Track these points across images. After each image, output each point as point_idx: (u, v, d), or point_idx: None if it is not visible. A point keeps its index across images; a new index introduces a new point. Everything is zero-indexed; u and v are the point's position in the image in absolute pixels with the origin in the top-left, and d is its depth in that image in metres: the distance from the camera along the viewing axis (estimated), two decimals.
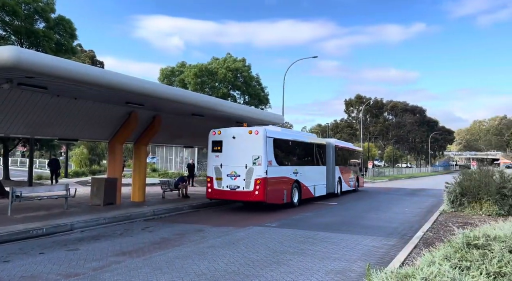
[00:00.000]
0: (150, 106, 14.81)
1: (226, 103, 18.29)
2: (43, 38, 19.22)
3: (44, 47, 19.31)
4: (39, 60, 9.10)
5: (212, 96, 23.34)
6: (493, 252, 4.77)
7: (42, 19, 20.13)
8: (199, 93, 24.87)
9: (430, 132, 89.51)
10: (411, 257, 6.89)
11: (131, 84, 11.64)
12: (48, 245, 8.66)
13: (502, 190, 12.32)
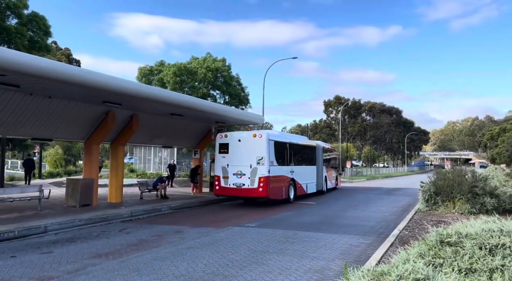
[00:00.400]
0: (128, 105, 14.57)
1: (206, 103, 18.20)
2: (16, 35, 18.62)
3: (17, 44, 18.71)
4: (11, 57, 8.81)
5: (192, 96, 23.17)
6: (464, 249, 4.92)
7: (14, 15, 19.50)
8: (178, 92, 24.63)
9: (406, 133, 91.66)
10: (387, 255, 7.03)
11: (109, 83, 11.42)
12: (20, 248, 8.38)
13: (474, 189, 12.73)
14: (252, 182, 15.56)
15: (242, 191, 15.79)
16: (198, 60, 33.60)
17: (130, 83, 12.66)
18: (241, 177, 15.79)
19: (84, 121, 14.69)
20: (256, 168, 15.60)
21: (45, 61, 9.85)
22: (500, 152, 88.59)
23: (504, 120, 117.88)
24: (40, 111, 12.97)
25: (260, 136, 15.92)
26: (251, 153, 15.75)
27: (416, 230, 9.80)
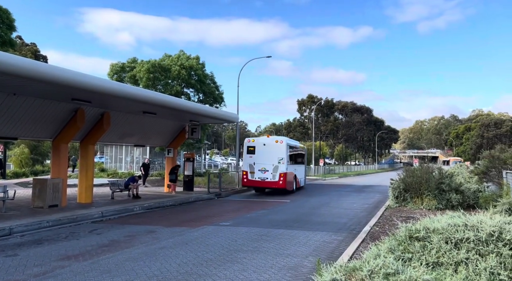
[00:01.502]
0: (98, 103, 14.17)
1: (180, 101, 17.96)
2: None
3: None
4: None
5: (165, 94, 22.82)
6: (432, 243, 5.10)
7: None
8: (151, 90, 24.20)
9: (377, 131, 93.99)
10: (359, 251, 7.20)
11: (78, 80, 11.05)
12: None
13: (441, 186, 13.24)
14: (274, 177, 20.42)
15: (266, 183, 20.72)
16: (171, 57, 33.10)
17: (100, 80, 12.32)
18: (265, 172, 20.59)
19: (52, 119, 14.17)
20: (278, 166, 20.48)
21: (9, 57, 9.42)
22: (465, 150, 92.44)
23: (468, 119, 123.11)
24: (4, 108, 12.41)
25: (281, 141, 21.24)
26: (273, 154, 20.61)
27: (387, 226, 10.08)
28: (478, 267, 4.50)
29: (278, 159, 20.54)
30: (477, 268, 4.50)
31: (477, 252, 4.83)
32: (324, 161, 53.12)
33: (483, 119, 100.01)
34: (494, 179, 14.84)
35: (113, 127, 16.53)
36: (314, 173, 46.35)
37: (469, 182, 15.02)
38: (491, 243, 4.88)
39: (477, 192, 13.84)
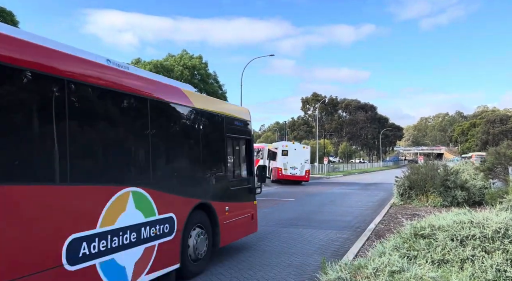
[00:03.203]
0: None
1: None
2: None
3: None
4: None
5: None
6: (437, 241, 5.08)
7: None
8: None
9: (381, 129, 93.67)
10: (364, 249, 7.19)
11: None
12: None
13: (446, 183, 13.17)
14: (301, 172, 28.19)
15: (295, 177, 28.08)
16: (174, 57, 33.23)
17: None
18: (295, 169, 27.87)
19: None
20: (304, 165, 28.33)
21: None
22: (470, 146, 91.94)
23: (473, 115, 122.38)
24: None
25: (307, 147, 30.26)
26: (301, 156, 28.23)
27: (392, 223, 10.05)
28: (484, 264, 4.48)
29: (305, 159, 28.53)
30: (483, 265, 4.48)
31: (483, 249, 4.80)
32: (328, 159, 53.09)
33: (488, 115, 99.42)
34: (500, 176, 14.75)
35: None
36: (318, 171, 46.29)
37: (475, 179, 14.93)
38: (497, 240, 4.86)
39: (482, 189, 13.76)
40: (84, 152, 4.33)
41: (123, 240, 4.63)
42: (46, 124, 3.88)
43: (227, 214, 7.04)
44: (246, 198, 7.98)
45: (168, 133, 5.79)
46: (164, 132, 5.66)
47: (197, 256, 6.14)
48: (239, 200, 7.67)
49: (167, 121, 5.77)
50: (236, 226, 7.44)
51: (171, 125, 5.90)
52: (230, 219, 7.14)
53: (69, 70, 4.13)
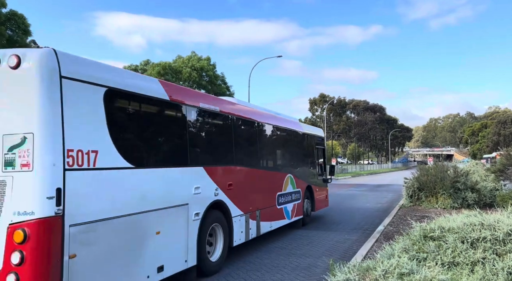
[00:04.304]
0: None
1: None
2: None
3: None
4: None
5: None
6: (447, 243, 5.02)
7: None
8: None
9: (390, 130, 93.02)
10: (373, 251, 7.12)
11: None
12: None
13: (456, 184, 13.00)
14: None
15: None
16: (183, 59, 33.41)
17: None
18: None
19: None
20: None
21: None
22: (480, 147, 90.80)
23: (484, 116, 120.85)
24: None
25: None
26: None
27: (401, 225, 9.95)
28: (495, 267, 4.42)
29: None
30: (494, 268, 4.41)
31: (494, 251, 4.74)
32: (336, 160, 52.86)
33: (499, 116, 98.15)
34: (511, 177, 14.53)
35: None
36: None
37: (485, 181, 14.73)
38: (509, 243, 4.79)
39: (493, 191, 13.56)
40: (277, 158, 9.79)
41: (288, 198, 9.72)
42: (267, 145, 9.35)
43: (317, 192, 11.93)
44: (323, 184, 12.92)
45: (298, 146, 11.17)
46: (295, 147, 10.99)
47: (307, 213, 11.26)
48: (321, 185, 12.57)
49: (296, 141, 11.11)
50: (320, 200, 12.35)
51: (297, 143, 11.20)
52: (318, 196, 12.06)
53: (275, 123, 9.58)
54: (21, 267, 3.56)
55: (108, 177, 4.39)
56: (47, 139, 3.76)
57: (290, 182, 9.78)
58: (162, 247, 5.10)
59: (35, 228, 3.60)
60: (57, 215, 3.75)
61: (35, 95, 3.78)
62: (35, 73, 3.79)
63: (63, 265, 3.79)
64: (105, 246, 4.27)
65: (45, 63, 3.84)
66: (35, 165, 3.70)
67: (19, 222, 3.61)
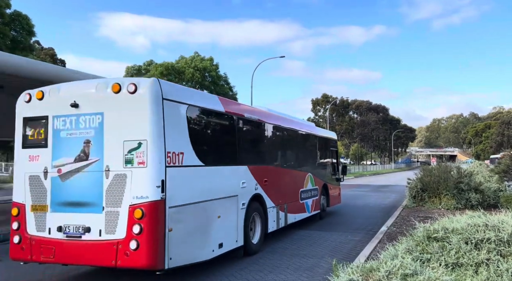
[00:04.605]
0: None
1: None
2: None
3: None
4: None
5: None
6: (451, 244, 5.01)
7: None
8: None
9: (393, 130, 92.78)
10: (376, 252, 7.11)
11: None
12: (6, 251, 8.21)
13: (459, 185, 12.95)
14: None
15: None
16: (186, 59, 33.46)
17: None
18: None
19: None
20: None
21: (30, 62, 9.65)
22: (484, 148, 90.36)
23: (488, 116, 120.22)
24: None
25: None
26: None
27: (404, 226, 9.92)
28: (500, 268, 4.40)
29: None
30: (498, 269, 4.40)
31: (499, 252, 4.72)
32: None
33: (503, 116, 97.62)
34: None
35: None
36: None
37: (489, 181, 14.67)
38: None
39: (497, 192, 13.50)
40: (300, 159, 10.83)
41: (308, 194, 10.94)
42: (301, 149, 11.25)
43: (331, 190, 13.22)
44: (337, 183, 14.23)
45: (316, 149, 12.29)
46: (314, 149, 12.20)
47: (324, 208, 12.49)
48: (334, 184, 13.89)
49: (313, 145, 12.17)
50: (334, 197, 13.66)
51: (316, 145, 12.30)
52: (332, 193, 13.33)
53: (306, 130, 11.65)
54: (140, 236, 4.96)
55: (189, 172, 5.79)
56: (155, 144, 5.17)
57: (310, 180, 11.09)
58: (221, 228, 6.49)
59: (149, 208, 5.03)
60: (162, 199, 5.14)
61: (147, 112, 5.18)
62: (147, 96, 5.21)
63: (165, 235, 5.15)
64: (188, 224, 5.69)
65: (153, 89, 5.25)
66: (148, 163, 5.11)
67: (138, 203, 5.04)
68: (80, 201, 5.35)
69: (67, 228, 5.35)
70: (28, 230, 5.60)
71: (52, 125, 5.64)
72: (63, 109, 5.56)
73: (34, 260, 5.53)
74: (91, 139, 5.40)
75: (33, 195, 5.62)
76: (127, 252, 4.97)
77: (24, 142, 5.88)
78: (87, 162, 5.39)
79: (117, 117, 5.33)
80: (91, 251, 5.18)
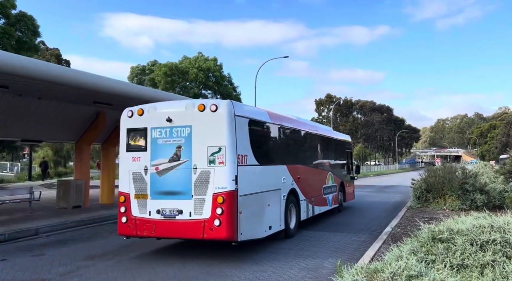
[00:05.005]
0: (119, 105, 14.41)
1: None
2: (3, 35, 18.35)
3: (5, 45, 18.44)
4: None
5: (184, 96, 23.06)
6: (456, 245, 4.98)
7: (1, 15, 19.23)
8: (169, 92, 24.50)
9: (397, 131, 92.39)
10: (380, 252, 7.07)
11: (99, 83, 11.31)
12: (11, 251, 8.27)
13: (464, 186, 12.87)
14: None
15: None
16: (189, 59, 33.48)
17: (120, 83, 12.57)
18: None
19: (75, 122, 14.54)
20: None
21: (34, 62, 9.72)
22: (489, 148, 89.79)
23: (493, 117, 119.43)
24: (30, 112, 12.81)
25: None
26: None
27: (408, 227, 9.87)
28: (506, 269, 4.36)
29: None
30: (504, 270, 4.36)
31: (504, 254, 4.68)
32: None
33: (508, 117, 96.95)
34: None
35: None
36: None
37: (495, 182, 14.56)
38: None
39: (503, 193, 13.39)
40: (323, 160, 12.55)
41: (329, 190, 12.58)
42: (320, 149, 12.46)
43: (347, 187, 14.98)
44: (351, 181, 15.96)
45: (334, 150, 13.95)
46: (333, 151, 13.83)
47: (341, 203, 14.17)
48: (350, 182, 15.63)
49: (333, 147, 13.91)
50: (349, 193, 15.50)
51: (334, 147, 14.09)
52: (348, 190, 15.11)
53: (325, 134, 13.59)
54: (222, 215, 6.79)
55: (250, 170, 7.61)
56: (231, 149, 7.02)
57: (330, 178, 12.82)
58: (270, 214, 8.25)
59: (228, 195, 6.87)
60: (236, 190, 6.98)
61: (225, 125, 7.03)
62: (225, 114, 7.06)
63: (238, 216, 6.97)
64: (251, 209, 7.45)
65: (228, 108, 7.13)
66: (226, 163, 6.95)
67: (219, 192, 6.89)
68: (173, 191, 7.17)
69: (164, 211, 7.15)
70: (133, 213, 7.39)
71: (151, 134, 7.50)
72: (159, 122, 7.42)
73: (138, 235, 7.39)
74: (182, 145, 7.26)
75: (136, 187, 7.44)
76: (212, 227, 6.81)
77: (128, 147, 7.74)
78: (179, 162, 7.23)
79: (202, 128, 7.15)
80: (183, 228, 7.02)
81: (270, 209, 8.17)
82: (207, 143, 7.01)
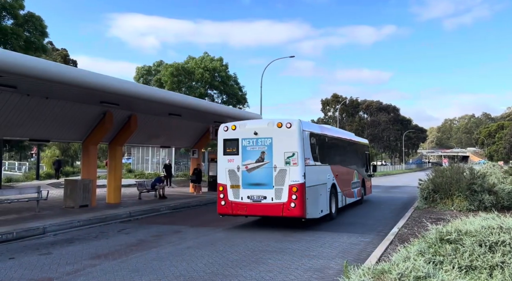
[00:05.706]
0: (125, 105, 14.50)
1: (204, 102, 18.17)
2: (12, 36, 18.51)
3: (13, 45, 18.60)
4: (7, 58, 8.76)
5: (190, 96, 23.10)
6: (464, 246, 4.92)
7: (10, 15, 19.39)
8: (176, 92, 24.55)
9: (404, 131, 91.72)
10: (387, 253, 7.03)
11: (106, 83, 11.37)
12: (19, 249, 8.35)
13: (472, 186, 12.75)
14: None
15: None
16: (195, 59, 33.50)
17: (127, 83, 12.62)
18: None
19: (82, 122, 14.63)
20: None
21: (42, 62, 9.79)
22: (497, 149, 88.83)
23: (501, 117, 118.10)
24: (38, 112, 12.91)
25: None
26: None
27: (415, 227, 9.80)
28: None
29: None
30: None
31: None
32: None
33: None
34: None
35: (140, 128, 16.89)
36: None
37: (503, 183, 14.41)
38: None
39: (511, 193, 13.25)
40: (351, 160, 15.79)
41: (355, 185, 15.95)
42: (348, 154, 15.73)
43: (366, 183, 18.22)
44: (369, 178, 19.18)
45: (357, 152, 17.13)
46: (356, 152, 17.01)
47: (362, 196, 17.21)
48: (368, 178, 18.66)
49: (357, 149, 17.24)
50: (368, 188, 18.75)
51: (357, 149, 17.26)
52: (367, 185, 18.46)
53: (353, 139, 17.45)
54: (296, 200, 9.85)
55: (311, 168, 10.57)
56: (301, 154, 10.06)
57: (355, 175, 15.81)
58: (321, 201, 11.21)
59: (299, 186, 9.93)
60: (304, 182, 9.99)
61: (296, 137, 10.13)
62: (296, 130, 10.17)
63: (305, 201, 9.99)
64: (312, 196, 10.40)
65: (299, 125, 10.23)
66: (298, 163, 9.98)
67: (294, 184, 9.93)
68: (259, 183, 10.18)
69: (252, 197, 10.20)
70: (229, 198, 10.43)
71: (241, 143, 10.49)
72: (248, 135, 10.43)
73: (234, 213, 10.47)
74: (265, 151, 10.25)
75: (231, 180, 10.43)
76: (288, 208, 9.87)
77: (224, 151, 10.68)
78: (263, 163, 10.24)
79: (280, 139, 10.14)
80: (267, 208, 10.07)
81: (321, 197, 11.15)
82: (283, 149, 9.97)
